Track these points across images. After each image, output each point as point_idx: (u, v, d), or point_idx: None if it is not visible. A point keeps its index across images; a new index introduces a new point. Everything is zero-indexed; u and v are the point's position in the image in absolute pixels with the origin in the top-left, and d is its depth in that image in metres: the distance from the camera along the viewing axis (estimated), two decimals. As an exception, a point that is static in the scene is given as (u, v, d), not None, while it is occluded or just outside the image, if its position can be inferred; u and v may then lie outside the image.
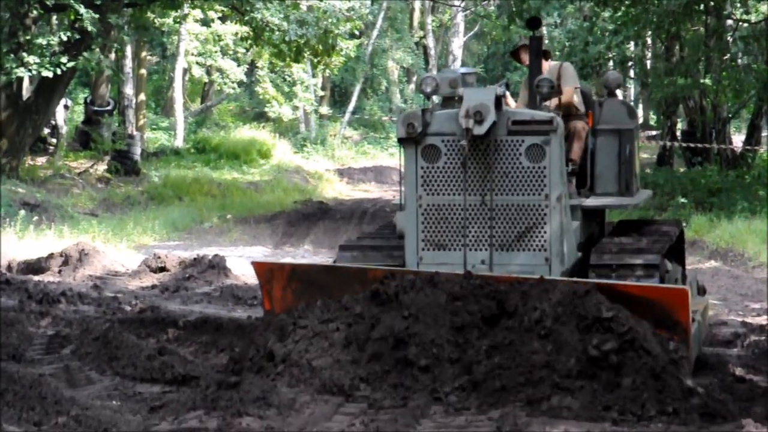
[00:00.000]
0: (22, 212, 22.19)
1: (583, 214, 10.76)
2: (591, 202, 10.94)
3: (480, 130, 9.80)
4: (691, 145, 31.97)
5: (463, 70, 10.68)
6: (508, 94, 11.18)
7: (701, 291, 12.11)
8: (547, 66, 11.61)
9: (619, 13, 29.94)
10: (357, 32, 38.40)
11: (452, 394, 8.55)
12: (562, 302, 8.75)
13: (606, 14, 31.54)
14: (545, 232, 9.94)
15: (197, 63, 40.23)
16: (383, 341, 8.97)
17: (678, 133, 34.90)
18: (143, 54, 39.96)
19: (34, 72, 26.17)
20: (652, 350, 8.47)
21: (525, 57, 11.55)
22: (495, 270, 9.82)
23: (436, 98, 10.69)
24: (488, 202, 9.98)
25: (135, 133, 34.70)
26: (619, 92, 12.26)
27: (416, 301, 9.07)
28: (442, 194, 10.09)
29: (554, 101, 11.00)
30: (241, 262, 17.83)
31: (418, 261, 10.09)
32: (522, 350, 8.65)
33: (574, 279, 9.32)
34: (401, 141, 10.21)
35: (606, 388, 8.39)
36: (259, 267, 10.19)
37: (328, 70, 38.56)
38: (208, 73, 42.55)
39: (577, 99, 11.45)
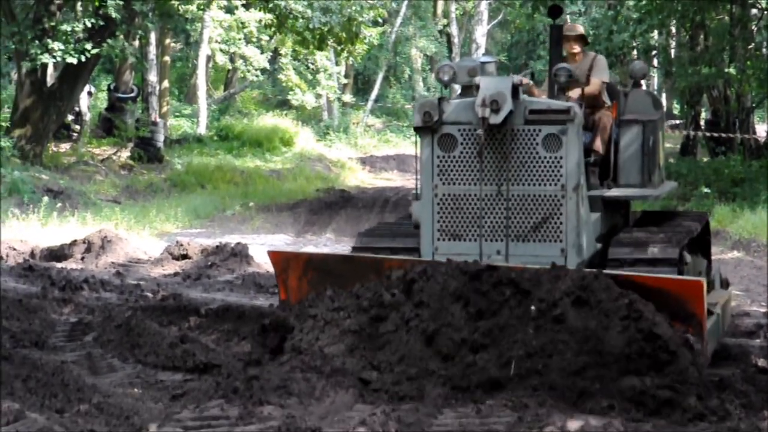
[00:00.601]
0: (46, 199, 22.26)
1: (605, 205, 10.68)
2: (612, 193, 10.87)
3: (496, 119, 9.74)
4: (715, 134, 31.81)
5: (484, 58, 10.64)
6: (532, 83, 11.15)
7: (724, 284, 12.04)
8: (582, 55, 11.55)
9: (644, 2, 29.82)
10: (380, 20, 38.37)
11: (466, 382, 8.51)
12: (571, 289, 8.68)
13: (630, 3, 31.42)
14: (561, 223, 9.87)
15: (221, 50, 40.22)
16: (394, 330, 8.95)
17: (702, 123, 34.76)
18: (167, 41, 40.04)
19: (59, 58, 26.30)
20: (663, 334, 8.38)
21: (567, 45, 11.51)
22: (510, 261, 9.75)
23: (458, 87, 10.66)
24: (504, 192, 9.94)
25: (158, 120, 34.76)
26: (642, 81, 12.18)
27: (427, 290, 9.04)
28: (458, 184, 10.04)
29: (577, 91, 10.95)
30: (264, 250, 17.82)
31: (433, 251, 10.04)
32: (534, 339, 8.59)
33: (587, 270, 9.21)
34: (417, 130, 10.16)
35: (621, 377, 8.32)
36: (275, 256, 10.17)
37: (351, 58, 38.53)
38: (232, 60, 42.55)
39: (603, 92, 11.38)
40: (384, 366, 8.76)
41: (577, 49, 11.54)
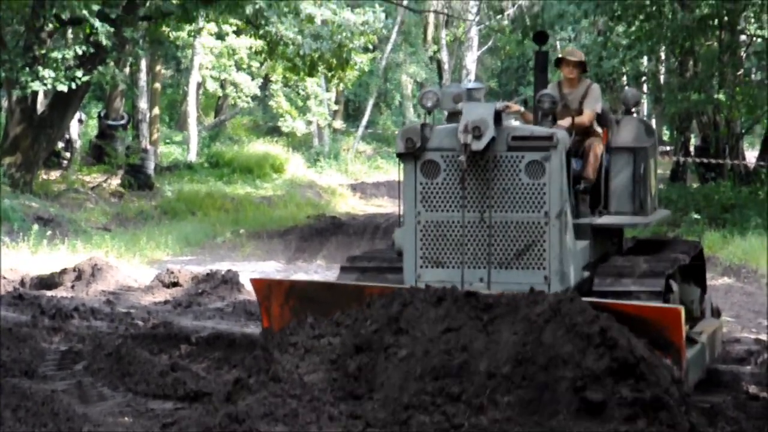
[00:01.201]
0: (36, 227, 22.21)
1: (596, 233, 10.64)
2: (602, 220, 10.83)
3: (478, 145, 9.66)
4: (705, 160, 31.88)
5: (472, 85, 10.60)
6: (523, 109, 11.14)
7: (715, 312, 12.00)
8: (578, 82, 11.52)
9: (633, 28, 29.96)
10: (371, 46, 38.43)
11: (449, 409, 8.44)
12: (547, 312, 8.60)
13: (620, 29, 31.54)
14: (544, 250, 9.76)
15: (211, 77, 40.30)
16: (375, 357, 8.88)
17: (691, 149, 34.85)
18: (158, 68, 40.09)
19: (49, 86, 26.27)
20: (639, 357, 8.28)
21: (566, 69, 11.50)
22: (493, 288, 9.63)
23: (446, 113, 10.65)
24: (487, 219, 9.90)
25: (149, 147, 34.75)
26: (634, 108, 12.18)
27: (407, 317, 8.97)
28: (440, 211, 9.95)
29: (568, 120, 10.95)
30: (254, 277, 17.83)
31: (416, 278, 9.96)
32: (512, 362, 8.50)
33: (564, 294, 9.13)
34: (400, 156, 10.08)
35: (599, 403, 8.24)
36: (258, 284, 10.11)
37: (341, 84, 38.60)
38: (222, 87, 42.61)
39: (593, 122, 11.35)
40: (364, 394, 8.70)
41: (574, 74, 11.52)
